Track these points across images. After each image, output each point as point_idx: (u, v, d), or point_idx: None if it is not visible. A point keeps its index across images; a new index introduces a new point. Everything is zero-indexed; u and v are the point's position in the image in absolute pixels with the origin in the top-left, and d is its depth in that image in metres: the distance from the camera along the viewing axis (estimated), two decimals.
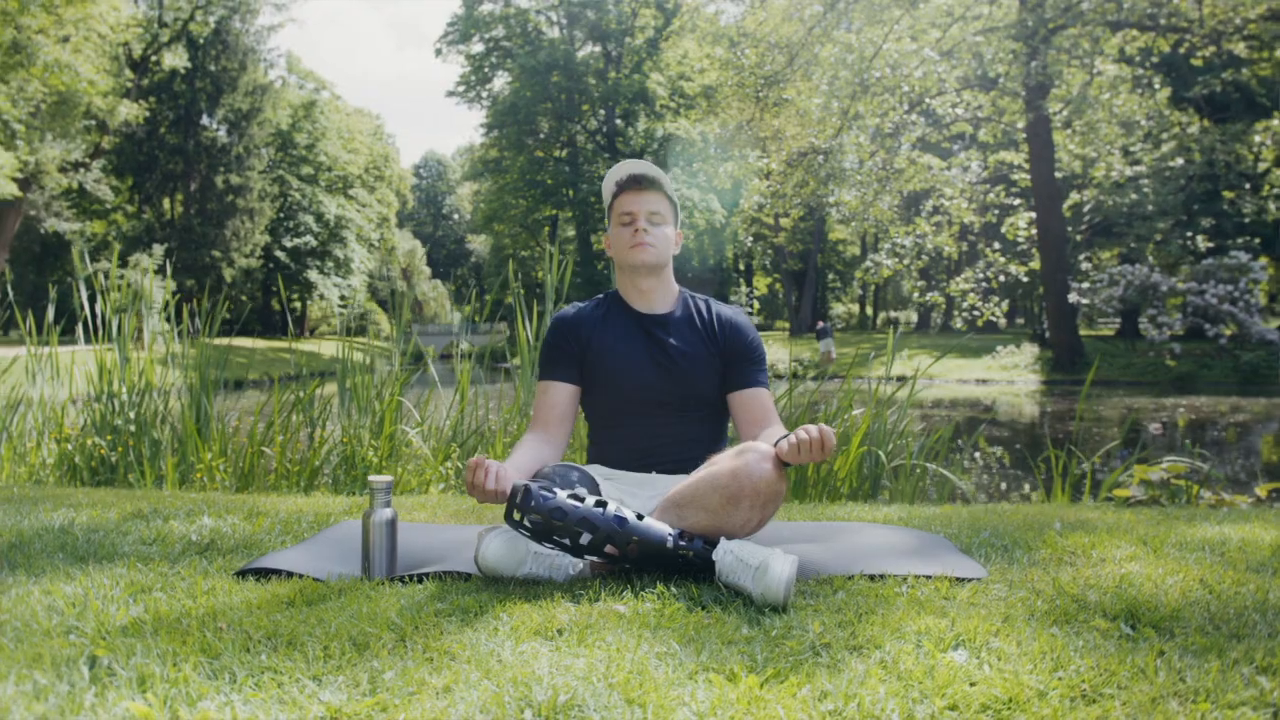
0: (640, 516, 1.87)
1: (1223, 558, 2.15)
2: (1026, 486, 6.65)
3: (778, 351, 25.34)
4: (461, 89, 39.17)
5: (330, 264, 39.48)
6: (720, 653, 1.42)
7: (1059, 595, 1.77)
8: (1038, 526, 2.56)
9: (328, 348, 5.65)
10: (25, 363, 5.59)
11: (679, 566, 1.89)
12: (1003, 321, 33.21)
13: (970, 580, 1.89)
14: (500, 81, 38.85)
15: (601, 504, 1.86)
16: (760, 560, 1.75)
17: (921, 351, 24.44)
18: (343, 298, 38.93)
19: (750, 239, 34.62)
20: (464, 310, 7.96)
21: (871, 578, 1.92)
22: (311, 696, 1.24)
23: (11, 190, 16.14)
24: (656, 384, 2.26)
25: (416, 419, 5.10)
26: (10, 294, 6.22)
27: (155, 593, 1.81)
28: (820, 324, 25.72)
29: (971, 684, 1.30)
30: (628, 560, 1.89)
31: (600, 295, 2.40)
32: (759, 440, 2.17)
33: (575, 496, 1.86)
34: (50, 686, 1.26)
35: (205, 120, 30.35)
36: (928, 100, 18.30)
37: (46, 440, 5.21)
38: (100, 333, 5.45)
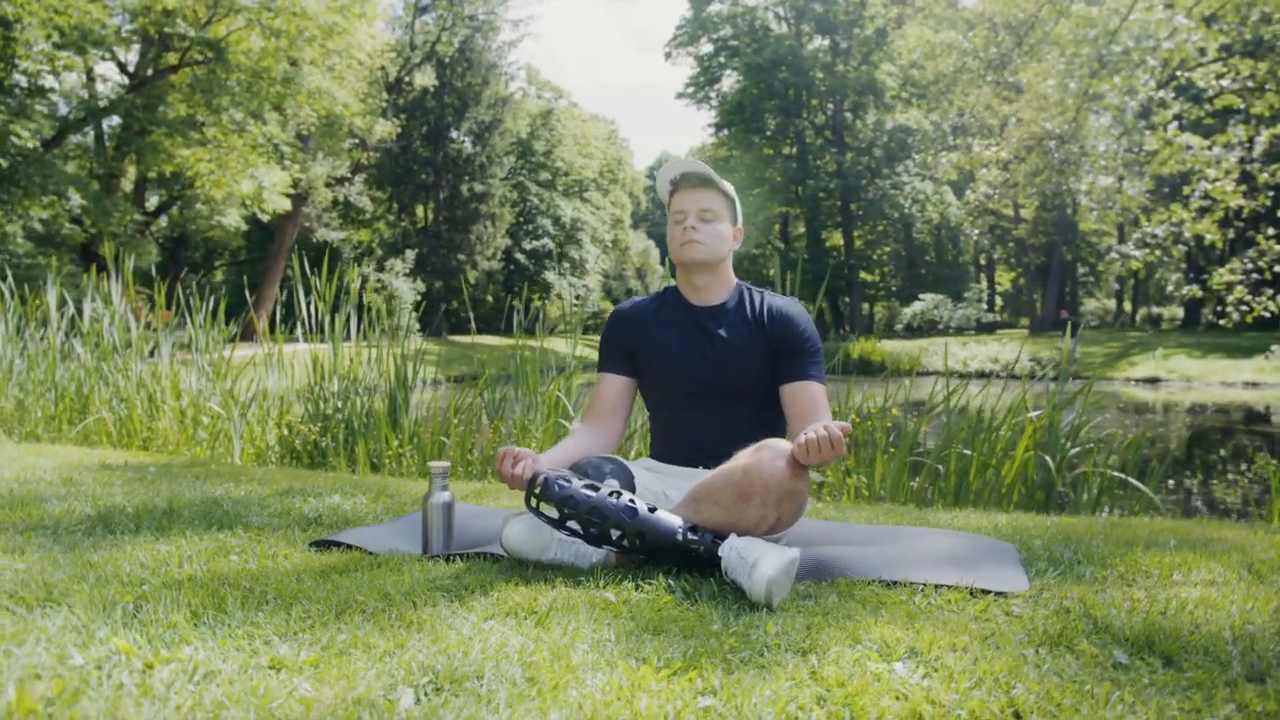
0: (653, 509, 1.91)
1: None
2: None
3: (1014, 350, 23.78)
4: (690, 90, 39.84)
5: (566, 265, 41.44)
6: (659, 645, 1.45)
7: (1080, 616, 1.63)
8: (1144, 543, 2.32)
9: (554, 344, 6.03)
10: (264, 359, 6.37)
11: (690, 560, 1.92)
12: None
13: (991, 593, 1.78)
14: (728, 81, 39.14)
15: (615, 494, 1.92)
16: (755, 557, 1.74)
17: (1180, 351, 22.10)
18: (578, 297, 40.78)
19: (977, 232, 32.71)
20: None
21: (889, 584, 1.85)
22: (268, 649, 1.40)
23: (285, 206, 18.36)
24: (702, 373, 2.28)
25: (571, 413, 5.32)
26: (248, 297, 7.19)
27: (231, 556, 2.08)
28: (1064, 319, 23.89)
29: (895, 698, 1.25)
30: (640, 551, 1.93)
31: (661, 290, 2.46)
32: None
33: (591, 486, 1.93)
34: (86, 623, 1.51)
35: (453, 133, 32.89)
36: (1182, 74, 16.50)
37: (270, 427, 5.91)
38: (316, 331, 6.08)
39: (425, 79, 29.10)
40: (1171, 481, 7.32)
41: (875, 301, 43.15)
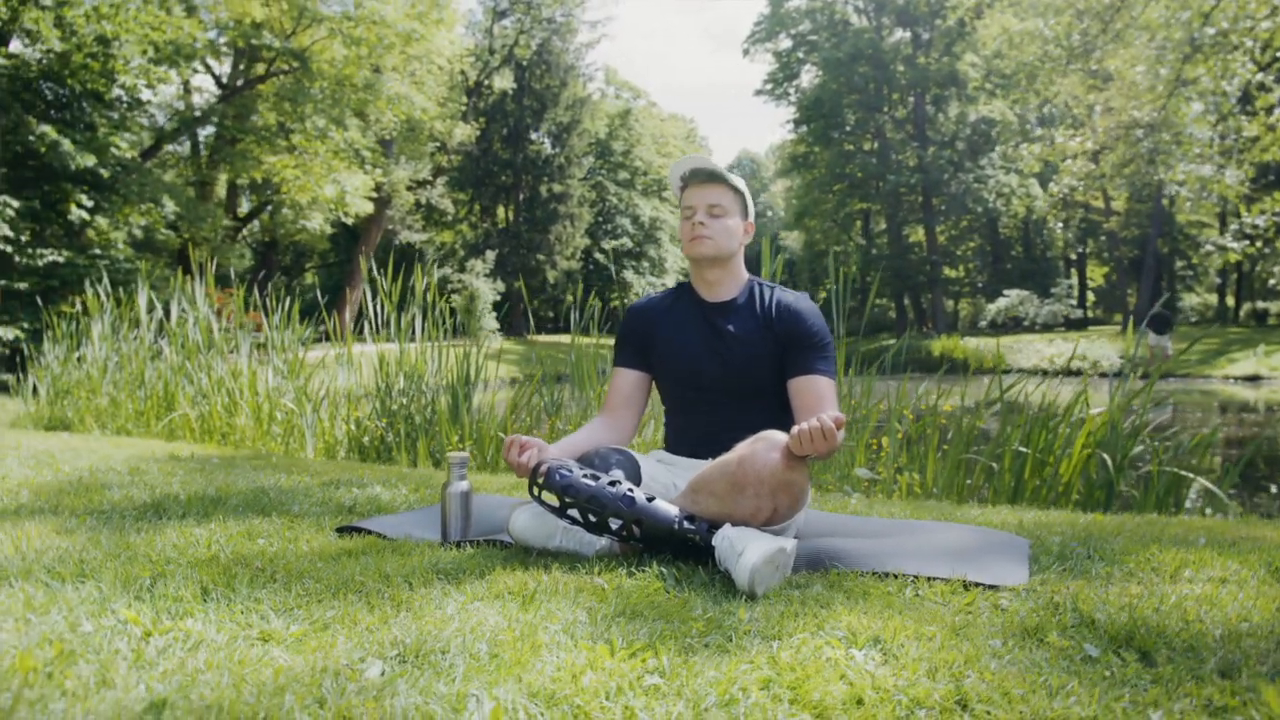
0: (651, 498, 1.96)
1: None
2: None
3: (1103, 348, 22.91)
4: (769, 87, 39.56)
5: (645, 264, 41.60)
6: (629, 628, 1.49)
7: (1068, 610, 1.61)
8: (1170, 541, 2.26)
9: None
10: (335, 358, 6.61)
11: (687, 549, 1.95)
12: None
13: (981, 585, 1.77)
14: (807, 77, 38.74)
15: (614, 483, 1.97)
16: (743, 546, 1.77)
17: None
18: None
19: (1061, 225, 31.55)
20: None
21: (882, 575, 1.85)
22: (263, 623, 1.50)
23: (367, 209, 18.95)
24: (711, 369, 2.30)
25: None
26: (319, 298, 7.48)
27: (259, 539, 2.20)
28: (1158, 314, 22.90)
29: (843, 682, 1.27)
30: (638, 539, 1.97)
31: (676, 286, 2.49)
32: None
33: (592, 476, 1.98)
34: (107, 595, 1.63)
35: (532, 135, 33.39)
36: None
37: (339, 423, 6.14)
38: (384, 330, 6.28)
39: (504, 82, 29.64)
40: (1274, 486, 6.99)
41: (959, 298, 42.12)
